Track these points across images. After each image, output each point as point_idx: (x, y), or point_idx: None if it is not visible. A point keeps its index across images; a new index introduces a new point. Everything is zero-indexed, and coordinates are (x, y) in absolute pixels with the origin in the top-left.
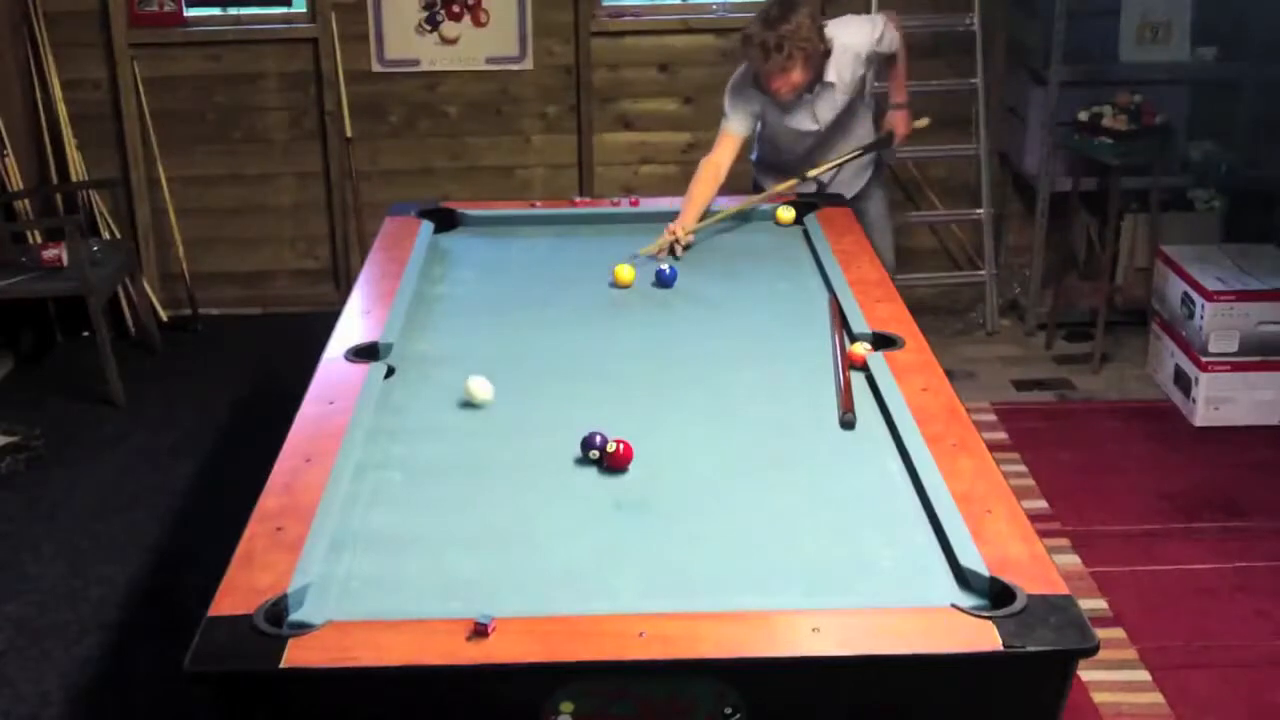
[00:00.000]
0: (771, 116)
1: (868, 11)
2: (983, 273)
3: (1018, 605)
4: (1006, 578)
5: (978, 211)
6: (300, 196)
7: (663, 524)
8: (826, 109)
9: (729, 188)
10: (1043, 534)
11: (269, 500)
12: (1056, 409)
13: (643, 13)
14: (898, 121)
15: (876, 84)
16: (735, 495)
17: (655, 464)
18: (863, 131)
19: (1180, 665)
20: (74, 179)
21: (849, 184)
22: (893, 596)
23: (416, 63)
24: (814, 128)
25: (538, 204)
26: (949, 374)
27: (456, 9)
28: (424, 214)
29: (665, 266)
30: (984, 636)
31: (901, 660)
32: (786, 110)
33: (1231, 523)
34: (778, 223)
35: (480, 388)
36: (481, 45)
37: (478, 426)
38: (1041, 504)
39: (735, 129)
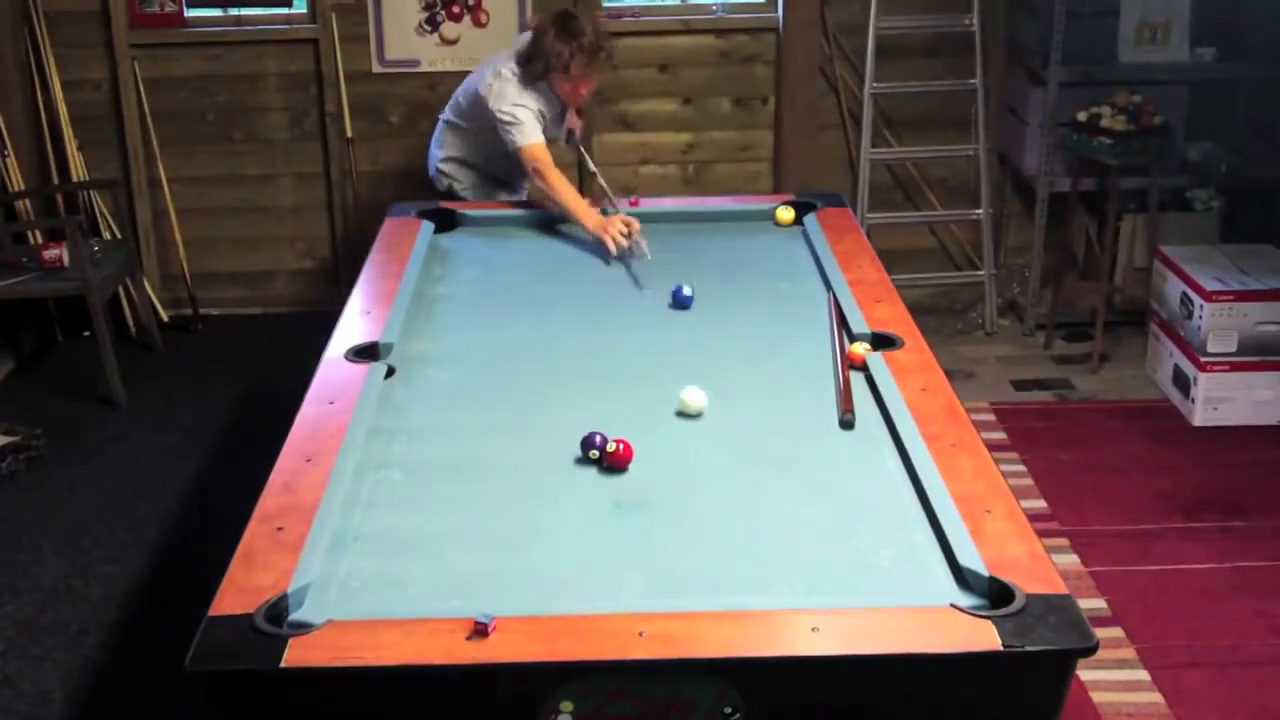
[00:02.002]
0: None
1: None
2: (982, 273)
3: (1017, 605)
4: (1005, 577)
5: (977, 212)
6: (300, 196)
7: (663, 524)
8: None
9: (740, 188)
10: (1041, 534)
11: (269, 500)
12: (1055, 409)
13: (642, 13)
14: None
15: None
16: (735, 495)
17: (655, 464)
18: None
19: (1180, 665)
20: (74, 179)
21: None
22: (892, 596)
23: (417, 63)
24: (558, 137)
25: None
26: (948, 374)
27: (456, 10)
28: (424, 214)
29: (685, 289)
30: (983, 636)
31: (901, 660)
32: (553, 123)
33: (1231, 522)
34: (777, 223)
35: (694, 397)
36: (481, 46)
37: (478, 426)
38: (1040, 504)
39: (541, 138)
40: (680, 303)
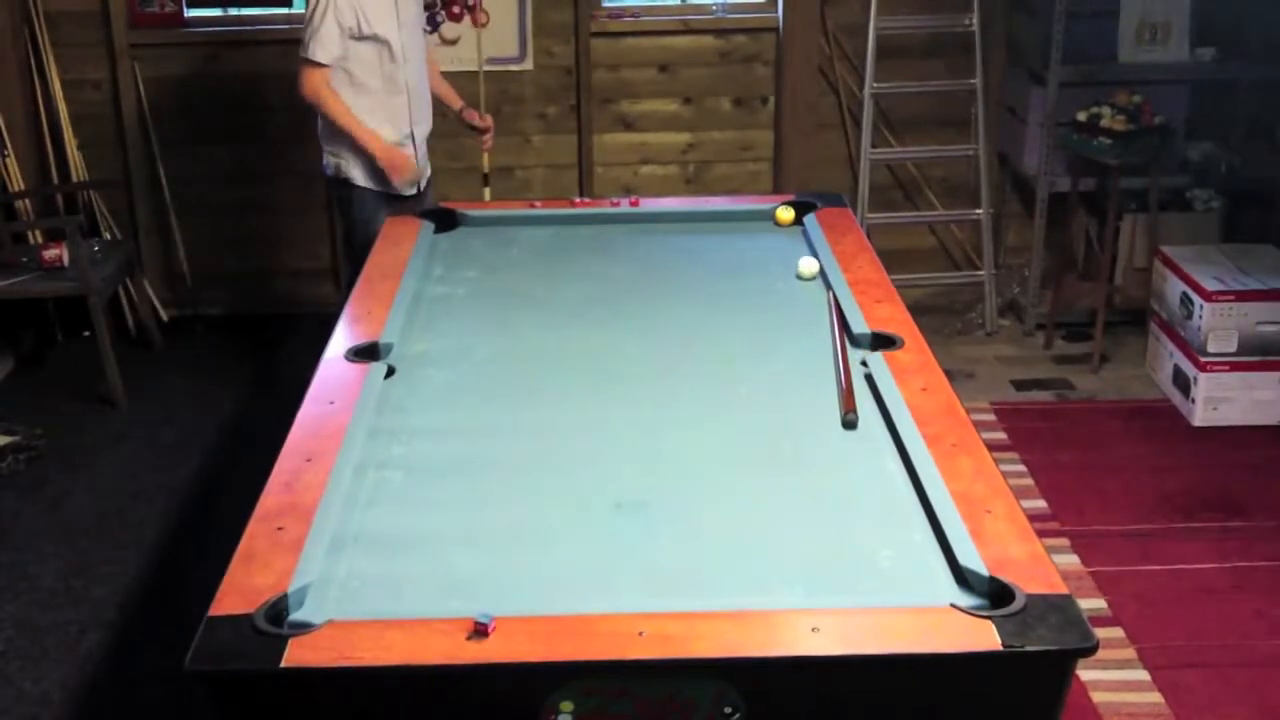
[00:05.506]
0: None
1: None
2: (982, 273)
3: (1017, 605)
4: (1006, 577)
5: (977, 211)
6: (300, 196)
7: (663, 524)
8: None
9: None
10: (1042, 534)
11: (269, 500)
12: (1056, 409)
13: (642, 13)
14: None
15: None
16: (735, 495)
17: (655, 464)
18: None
19: (1180, 665)
20: (74, 179)
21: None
22: (892, 596)
23: None
24: (400, 35)
25: (538, 204)
26: (948, 374)
27: (456, 10)
28: (424, 214)
29: None
30: (983, 636)
31: (901, 660)
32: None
33: (1231, 523)
34: (777, 223)
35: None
36: (482, 46)
37: (478, 426)
38: (1041, 504)
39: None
40: None
